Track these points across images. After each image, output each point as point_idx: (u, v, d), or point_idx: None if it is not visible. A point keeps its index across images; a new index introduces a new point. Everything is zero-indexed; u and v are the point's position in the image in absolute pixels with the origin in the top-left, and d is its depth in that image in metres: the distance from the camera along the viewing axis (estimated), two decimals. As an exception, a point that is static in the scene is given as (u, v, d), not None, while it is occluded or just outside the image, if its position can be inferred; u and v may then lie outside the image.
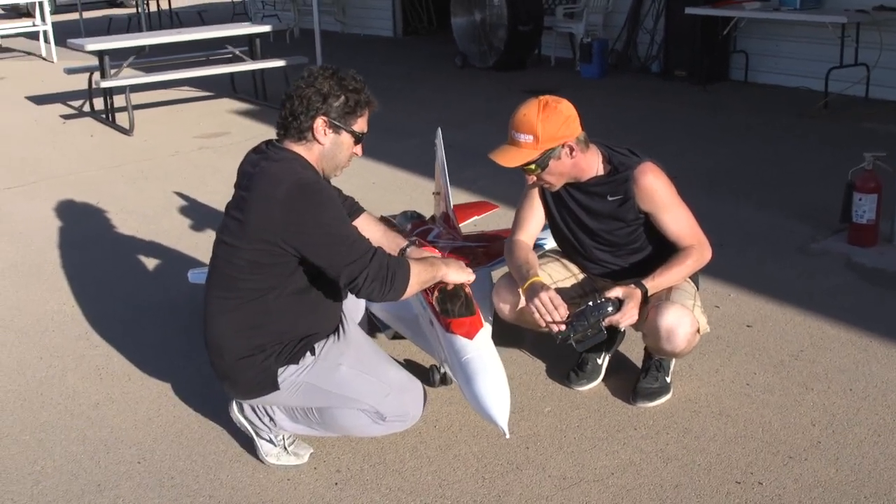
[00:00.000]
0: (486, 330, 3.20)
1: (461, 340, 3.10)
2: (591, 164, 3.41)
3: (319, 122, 2.99)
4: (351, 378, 3.05)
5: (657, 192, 3.35)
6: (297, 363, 3.05)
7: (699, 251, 3.39)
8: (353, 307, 3.53)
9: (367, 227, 3.40)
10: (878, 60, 8.59)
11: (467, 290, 3.29)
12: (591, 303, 3.21)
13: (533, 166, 3.30)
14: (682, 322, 3.27)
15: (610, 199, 3.40)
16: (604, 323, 3.21)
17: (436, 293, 3.25)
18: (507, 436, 2.91)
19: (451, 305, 3.22)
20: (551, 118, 3.24)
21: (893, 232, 5.14)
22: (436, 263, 3.14)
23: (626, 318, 3.24)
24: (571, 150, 3.30)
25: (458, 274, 3.19)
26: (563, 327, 3.20)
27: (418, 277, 3.02)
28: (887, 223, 5.13)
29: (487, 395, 2.93)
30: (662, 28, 10.51)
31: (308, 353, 3.06)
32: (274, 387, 3.05)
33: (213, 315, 3.09)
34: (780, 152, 7.24)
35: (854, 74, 8.72)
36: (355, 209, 3.48)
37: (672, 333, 3.27)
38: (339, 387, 3.04)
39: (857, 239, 5.12)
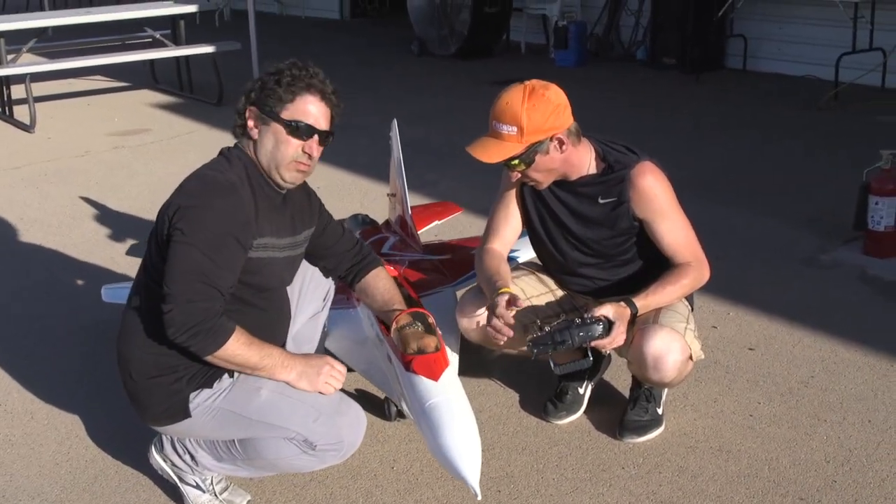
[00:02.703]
0: (453, 368, 3.16)
1: (424, 382, 3.04)
2: (583, 160, 3.41)
3: (249, 114, 3.02)
4: (273, 402, 3.02)
5: (656, 196, 3.36)
6: (212, 387, 3.05)
7: (697, 270, 3.41)
8: (308, 335, 3.53)
9: (374, 284, 3.40)
10: None
11: (431, 320, 3.26)
12: (577, 320, 3.20)
13: (517, 161, 3.29)
14: (672, 348, 3.28)
15: (601, 201, 3.41)
16: (589, 346, 3.21)
17: (394, 324, 3.21)
18: (479, 496, 2.86)
19: (412, 339, 3.17)
20: (538, 107, 3.23)
21: (914, 240, 5.21)
22: (272, 356, 3.00)
23: (615, 342, 3.25)
24: (561, 143, 3.30)
25: (301, 382, 3.02)
26: (538, 334, 3.18)
27: (233, 359, 2.93)
28: (907, 230, 5.20)
29: (455, 447, 2.87)
30: (649, 9, 10.62)
31: (225, 376, 3.06)
32: (185, 414, 3.04)
33: (127, 326, 3.11)
34: (785, 151, 7.33)
35: (869, 61, 8.83)
36: (365, 262, 3.45)
37: (660, 361, 3.28)
38: (259, 413, 3.02)
39: (873, 249, 5.19)
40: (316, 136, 3.02)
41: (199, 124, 8.75)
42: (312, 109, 3.01)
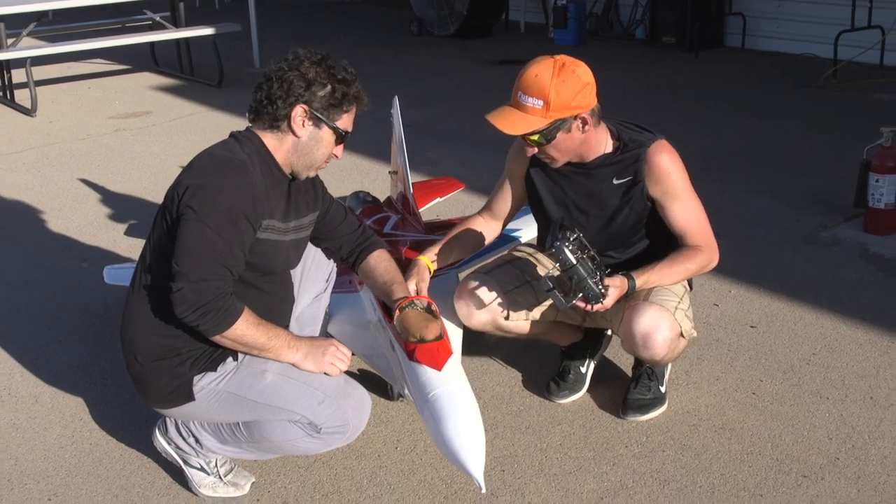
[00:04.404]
0: (456, 357, 3.12)
1: (427, 372, 2.99)
2: (600, 141, 3.37)
3: (299, 111, 2.96)
4: (278, 385, 3.00)
5: (671, 175, 3.32)
6: (216, 370, 3.03)
7: (706, 255, 3.37)
8: (312, 316, 3.50)
9: (375, 266, 3.36)
10: (894, 23, 8.67)
11: (434, 308, 3.22)
12: (599, 275, 3.10)
13: (537, 137, 3.24)
14: (660, 326, 3.25)
15: (616, 182, 3.37)
16: (576, 300, 3.12)
17: (396, 312, 3.16)
18: (483, 489, 2.81)
19: (413, 322, 3.12)
20: (567, 83, 3.17)
21: (914, 217, 5.19)
22: (279, 337, 2.99)
23: (594, 309, 3.18)
24: (584, 123, 3.24)
25: (307, 363, 3.02)
26: (570, 244, 3.07)
27: (242, 339, 2.91)
28: (907, 207, 5.18)
29: (459, 440, 2.82)
30: (648, -12, 10.58)
31: (230, 359, 3.04)
32: (189, 397, 3.02)
33: (130, 309, 3.08)
34: (784, 129, 7.30)
35: (867, 38, 8.80)
36: (367, 245, 3.41)
37: (648, 339, 3.26)
38: (264, 396, 3.00)
39: (873, 226, 5.18)
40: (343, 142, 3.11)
41: (201, 106, 8.71)
42: (353, 118, 3.11)
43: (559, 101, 3.16)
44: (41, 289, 4.96)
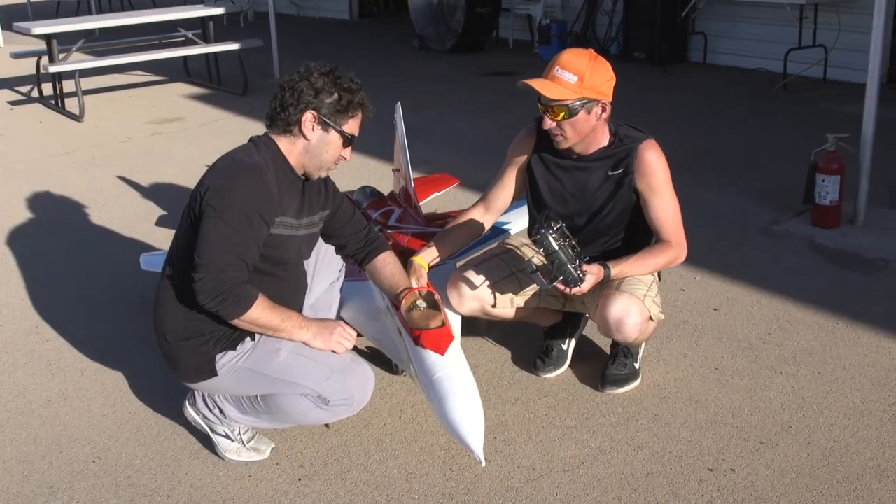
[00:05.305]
0: (457, 342, 3.06)
1: (431, 356, 2.93)
2: (604, 135, 3.34)
3: (308, 116, 2.91)
4: (290, 362, 2.96)
5: (657, 171, 3.29)
6: (236, 349, 2.98)
7: (675, 252, 3.32)
8: (327, 302, 3.44)
9: (382, 269, 3.27)
10: (836, 42, 8.62)
11: (437, 297, 3.16)
12: (578, 262, 3.04)
13: (564, 111, 3.16)
14: (631, 312, 3.21)
15: (611, 173, 3.32)
16: (557, 283, 3.06)
17: (403, 302, 3.10)
18: (483, 463, 2.76)
19: (419, 320, 3.05)
20: (600, 69, 3.18)
21: (856, 213, 5.14)
22: (291, 319, 2.94)
23: (571, 293, 3.12)
24: (603, 110, 3.22)
25: (316, 342, 2.97)
26: (553, 235, 2.99)
27: (257, 322, 2.87)
28: (850, 204, 5.14)
29: (460, 418, 2.77)
30: (621, 9, 10.50)
31: (248, 339, 3.00)
32: (212, 373, 2.98)
33: (161, 294, 3.04)
34: (742, 134, 7.24)
35: (812, 56, 8.75)
36: (374, 246, 3.31)
37: (621, 324, 3.21)
38: (278, 372, 2.96)
39: (820, 220, 5.12)
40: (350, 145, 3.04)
41: (227, 112, 8.64)
42: (359, 123, 3.05)
43: (592, 81, 3.15)
44: (86, 274, 4.90)
